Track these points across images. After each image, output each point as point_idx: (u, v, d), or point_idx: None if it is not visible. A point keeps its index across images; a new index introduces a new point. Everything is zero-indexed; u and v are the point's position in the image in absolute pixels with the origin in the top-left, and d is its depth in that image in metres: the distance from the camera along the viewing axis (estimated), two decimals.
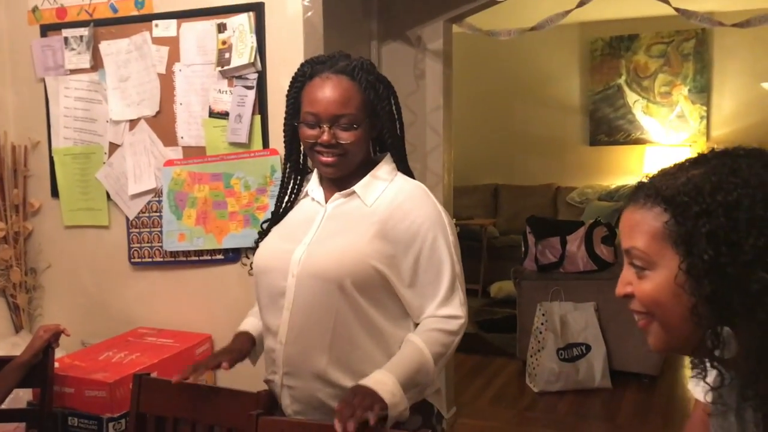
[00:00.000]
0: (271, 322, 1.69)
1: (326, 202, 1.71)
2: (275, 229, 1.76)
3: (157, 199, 2.67)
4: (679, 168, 0.93)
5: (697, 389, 1.24)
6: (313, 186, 1.75)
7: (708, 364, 0.93)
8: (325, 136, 1.60)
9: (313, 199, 1.74)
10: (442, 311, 1.63)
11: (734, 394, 0.97)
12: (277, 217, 1.78)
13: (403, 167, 1.75)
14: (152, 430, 1.83)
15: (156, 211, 2.67)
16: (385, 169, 1.70)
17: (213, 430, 1.76)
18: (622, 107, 6.80)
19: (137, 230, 2.71)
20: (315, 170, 1.76)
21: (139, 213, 2.70)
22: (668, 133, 6.65)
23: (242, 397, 1.73)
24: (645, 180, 0.96)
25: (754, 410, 0.92)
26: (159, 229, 2.67)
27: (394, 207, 1.64)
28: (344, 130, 1.61)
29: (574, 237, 4.25)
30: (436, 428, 1.72)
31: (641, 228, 0.91)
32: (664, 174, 0.94)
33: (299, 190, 1.79)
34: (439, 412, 1.74)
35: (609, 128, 6.87)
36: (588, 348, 4.10)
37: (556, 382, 4.08)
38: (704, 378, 0.94)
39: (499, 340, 5.01)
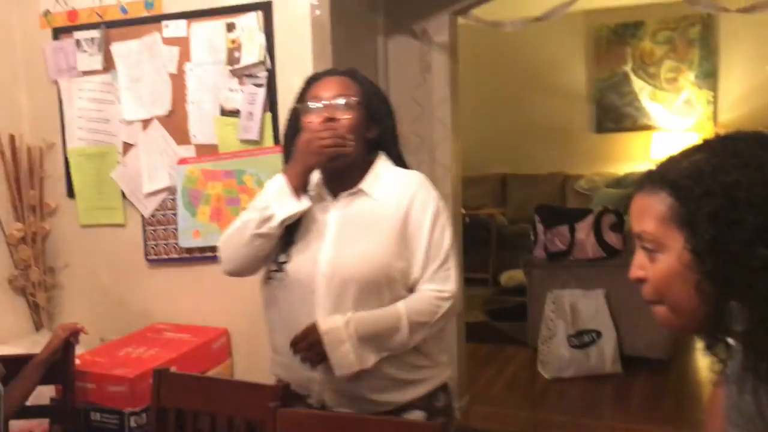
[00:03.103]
0: (302, 321, 1.71)
1: (332, 199, 1.75)
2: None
3: (171, 197, 2.71)
4: (684, 154, 0.98)
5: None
6: (314, 185, 1.78)
7: (717, 339, 0.97)
8: (325, 112, 1.68)
9: (318, 197, 1.76)
10: (435, 288, 1.70)
11: (739, 366, 1.00)
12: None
13: (401, 164, 1.82)
14: (173, 424, 1.88)
15: (171, 209, 2.72)
16: (383, 164, 1.77)
17: (232, 423, 1.81)
18: (628, 94, 6.80)
19: (153, 228, 2.76)
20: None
21: (154, 211, 2.75)
22: (675, 118, 6.64)
23: (260, 389, 1.78)
24: (653, 167, 1.01)
25: (759, 380, 0.95)
26: (174, 226, 2.71)
27: (400, 199, 1.71)
28: (341, 110, 1.69)
29: (582, 225, 4.28)
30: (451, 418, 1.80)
31: (649, 212, 0.96)
32: (669, 160, 0.99)
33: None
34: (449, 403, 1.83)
35: (616, 115, 6.86)
36: (599, 334, 4.13)
37: (567, 368, 4.12)
38: (713, 352, 0.98)
39: (510, 329, 5.05)
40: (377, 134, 1.76)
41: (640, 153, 6.69)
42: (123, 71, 2.72)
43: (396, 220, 1.69)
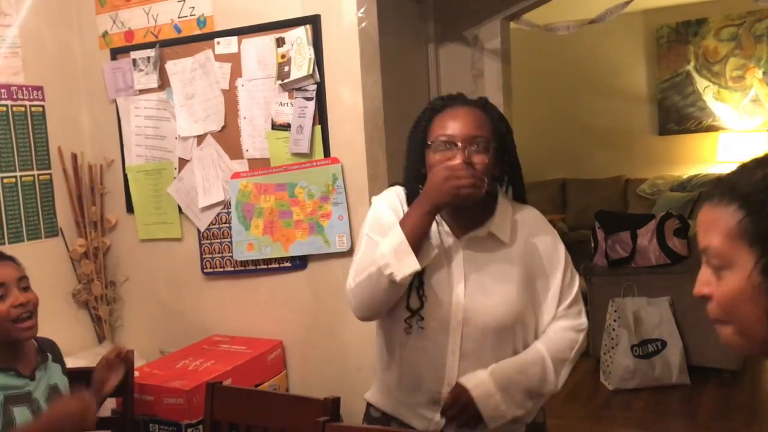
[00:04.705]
0: (433, 363, 1.67)
1: (456, 236, 1.66)
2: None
3: (225, 210, 2.75)
4: (757, 164, 0.90)
5: None
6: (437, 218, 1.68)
7: None
8: (459, 157, 1.55)
9: (444, 232, 1.67)
10: (569, 323, 1.68)
11: None
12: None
13: (522, 199, 1.74)
14: None
15: (225, 223, 2.76)
16: (506, 202, 1.69)
17: None
18: (691, 94, 6.59)
19: (208, 241, 2.81)
20: None
21: (209, 225, 2.80)
22: (742, 118, 6.40)
23: (310, 403, 1.78)
24: (723, 175, 0.93)
25: None
26: (229, 239, 2.75)
27: (528, 244, 1.66)
28: (477, 152, 1.56)
29: (645, 230, 4.15)
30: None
31: (716, 226, 0.89)
32: (741, 169, 0.91)
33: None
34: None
35: (679, 116, 6.66)
36: (663, 344, 3.99)
37: (631, 379, 3.99)
38: None
39: None
40: (504, 170, 1.67)
41: (706, 154, 6.47)
42: (177, 88, 2.78)
43: (527, 267, 1.65)
